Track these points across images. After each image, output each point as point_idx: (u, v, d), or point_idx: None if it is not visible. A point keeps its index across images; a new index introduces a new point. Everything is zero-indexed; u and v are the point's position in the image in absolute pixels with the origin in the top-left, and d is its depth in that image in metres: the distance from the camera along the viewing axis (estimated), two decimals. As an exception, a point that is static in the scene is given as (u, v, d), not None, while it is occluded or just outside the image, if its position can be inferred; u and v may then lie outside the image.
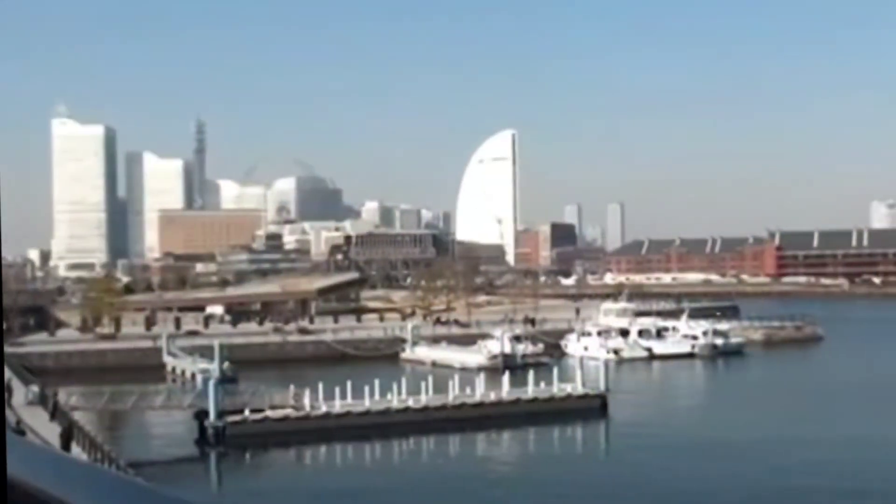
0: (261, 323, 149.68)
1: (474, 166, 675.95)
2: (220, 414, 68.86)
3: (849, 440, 66.35)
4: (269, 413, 70.65)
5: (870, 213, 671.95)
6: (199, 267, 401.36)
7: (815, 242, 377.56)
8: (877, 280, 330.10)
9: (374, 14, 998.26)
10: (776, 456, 61.23)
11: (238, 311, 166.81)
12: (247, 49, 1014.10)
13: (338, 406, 72.55)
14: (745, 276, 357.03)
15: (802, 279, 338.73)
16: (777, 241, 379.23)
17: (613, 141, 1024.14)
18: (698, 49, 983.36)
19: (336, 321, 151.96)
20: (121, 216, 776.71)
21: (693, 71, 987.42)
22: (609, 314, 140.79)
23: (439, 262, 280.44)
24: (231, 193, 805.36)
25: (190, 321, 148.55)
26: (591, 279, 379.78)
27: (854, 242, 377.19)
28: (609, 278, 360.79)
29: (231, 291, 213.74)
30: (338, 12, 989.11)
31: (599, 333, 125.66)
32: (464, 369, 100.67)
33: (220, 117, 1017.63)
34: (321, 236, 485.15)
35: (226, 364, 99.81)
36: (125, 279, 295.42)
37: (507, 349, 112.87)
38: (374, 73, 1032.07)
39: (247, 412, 70.07)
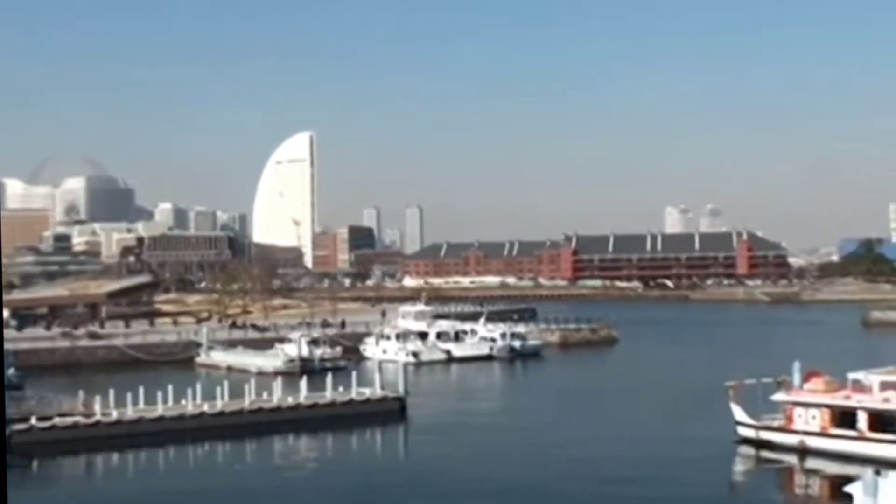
0: (48, 327, 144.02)
1: (271, 168, 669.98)
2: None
3: (638, 437, 68.03)
4: (57, 421, 67.47)
5: (664, 218, 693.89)
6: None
7: (611, 247, 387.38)
8: (669, 283, 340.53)
9: (164, 9, 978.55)
10: (571, 453, 62.44)
11: (24, 315, 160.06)
12: (34, 38, 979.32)
13: (130, 412, 69.90)
14: (542, 280, 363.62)
15: (598, 282, 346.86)
16: (574, 245, 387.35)
17: (412, 144, 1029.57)
18: (489, 49, 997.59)
19: (128, 325, 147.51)
20: None
21: (491, 72, 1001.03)
22: (407, 317, 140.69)
23: (235, 265, 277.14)
24: (16, 192, 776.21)
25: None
26: (389, 282, 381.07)
27: (648, 247, 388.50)
28: (407, 281, 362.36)
29: (17, 295, 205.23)
30: (127, 3, 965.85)
31: (398, 337, 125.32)
32: (261, 374, 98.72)
33: (3, 112, 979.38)
34: (112, 238, 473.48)
35: (11, 370, 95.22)
36: None
37: (305, 353, 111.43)
38: (168, 67, 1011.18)
39: (33, 420, 66.71)
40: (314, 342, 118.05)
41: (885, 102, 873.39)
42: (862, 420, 60.31)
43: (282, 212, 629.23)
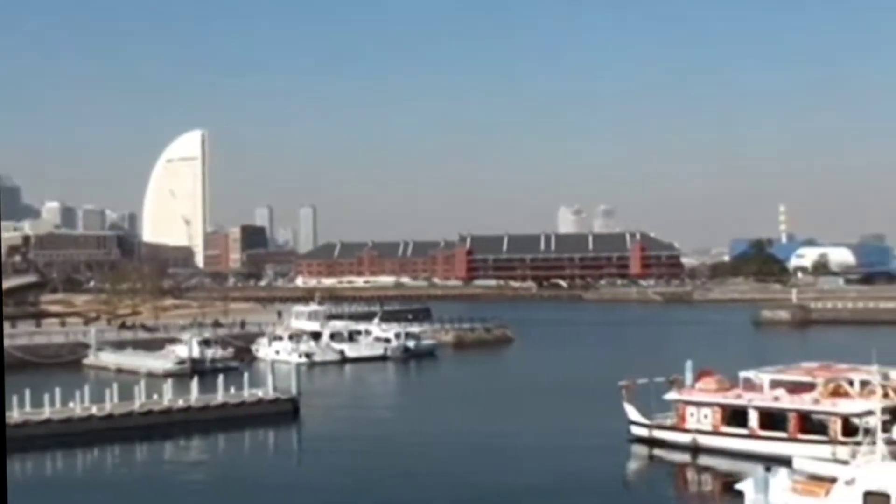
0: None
1: (162, 166, 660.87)
2: None
3: (531, 437, 68.34)
4: (-65, 425, 65.23)
5: (557, 218, 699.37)
6: None
7: (505, 247, 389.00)
8: (563, 283, 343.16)
9: (55, 4, 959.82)
10: (464, 454, 62.40)
11: None
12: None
13: (15, 415, 67.87)
14: (436, 280, 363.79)
15: (493, 282, 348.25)
16: (468, 245, 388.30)
17: (305, 143, 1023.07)
18: (384, 49, 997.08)
19: (14, 326, 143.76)
20: None
21: (384, 72, 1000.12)
22: (300, 318, 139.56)
23: (125, 265, 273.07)
24: None
25: None
26: (282, 282, 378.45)
27: (542, 247, 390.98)
28: (300, 281, 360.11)
29: None
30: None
31: (291, 337, 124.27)
32: (151, 375, 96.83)
33: None
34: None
35: None
36: None
37: (196, 354, 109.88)
38: (56, 62, 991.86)
39: None
40: (205, 343, 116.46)
41: (775, 103, 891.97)
42: (753, 418, 61.14)
43: (172, 211, 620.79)
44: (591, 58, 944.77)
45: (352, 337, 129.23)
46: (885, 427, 46.89)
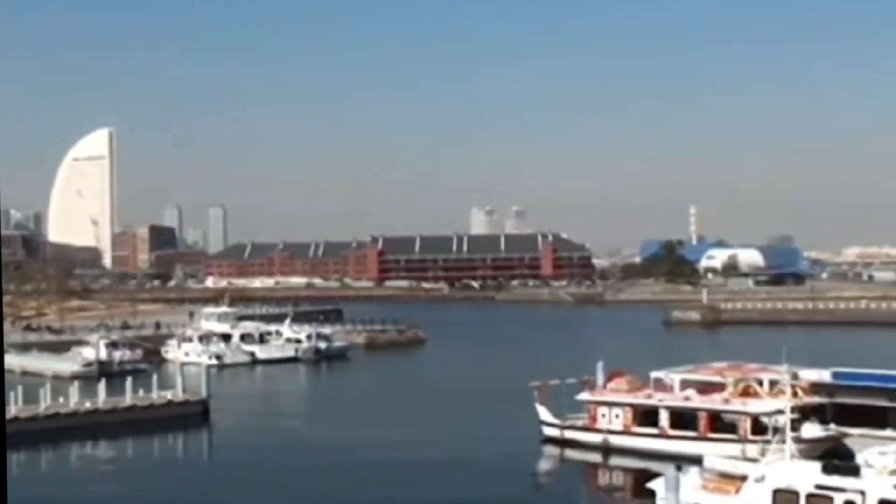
0: None
1: (68, 165, 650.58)
2: None
3: (443, 438, 68.27)
4: None
5: (470, 219, 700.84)
6: None
7: (417, 247, 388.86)
8: (475, 284, 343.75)
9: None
10: (374, 456, 62.28)
11: None
12: None
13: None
14: (348, 280, 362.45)
15: (405, 283, 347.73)
16: (380, 245, 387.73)
17: (214, 142, 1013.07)
18: (293, 51, 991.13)
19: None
20: None
21: (293, 72, 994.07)
22: (210, 319, 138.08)
23: (30, 265, 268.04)
24: None
25: None
26: (192, 283, 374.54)
27: (454, 248, 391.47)
28: (210, 282, 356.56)
29: None
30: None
31: (201, 339, 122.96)
32: (56, 378, 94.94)
33: None
34: None
35: None
36: None
37: (104, 356, 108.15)
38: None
39: None
40: (113, 344, 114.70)
41: (682, 104, 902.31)
42: (664, 418, 61.65)
43: (79, 211, 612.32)
44: (501, 55, 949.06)
45: (262, 338, 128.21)
46: (794, 426, 47.48)
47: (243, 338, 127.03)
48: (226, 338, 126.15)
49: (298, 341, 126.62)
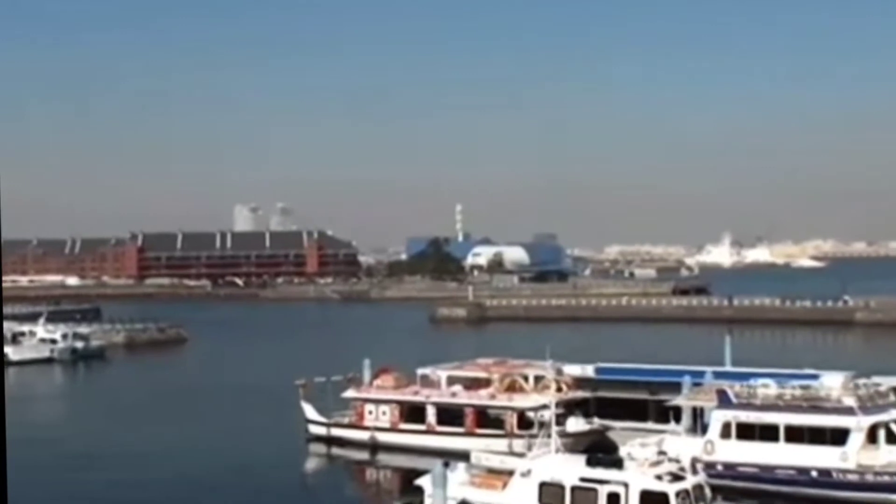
0: None
1: None
2: None
3: (205, 439, 67.34)
4: None
5: (233, 216, 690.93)
6: None
7: (179, 244, 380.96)
8: (239, 281, 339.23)
9: None
10: (133, 461, 60.21)
11: None
12: None
13: None
14: (106, 278, 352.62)
15: (166, 280, 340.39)
16: (140, 242, 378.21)
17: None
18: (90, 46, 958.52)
19: None
20: None
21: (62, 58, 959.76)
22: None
23: None
24: None
25: None
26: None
27: (218, 245, 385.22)
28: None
29: None
30: None
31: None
32: None
33: None
34: None
35: None
36: None
37: None
38: None
39: None
40: None
41: (450, 103, 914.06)
42: (431, 414, 61.59)
43: None
44: (292, 50, 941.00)
45: (15, 339, 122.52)
46: (559, 420, 47.87)
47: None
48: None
49: (53, 341, 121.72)
